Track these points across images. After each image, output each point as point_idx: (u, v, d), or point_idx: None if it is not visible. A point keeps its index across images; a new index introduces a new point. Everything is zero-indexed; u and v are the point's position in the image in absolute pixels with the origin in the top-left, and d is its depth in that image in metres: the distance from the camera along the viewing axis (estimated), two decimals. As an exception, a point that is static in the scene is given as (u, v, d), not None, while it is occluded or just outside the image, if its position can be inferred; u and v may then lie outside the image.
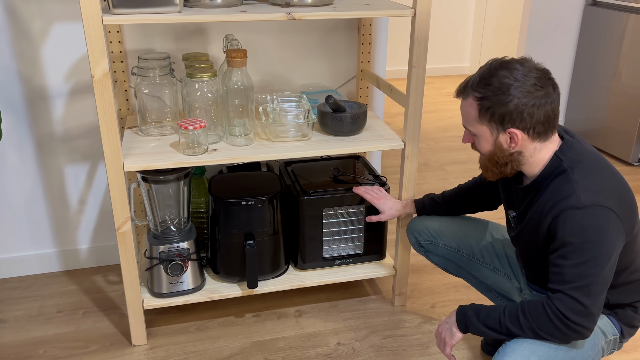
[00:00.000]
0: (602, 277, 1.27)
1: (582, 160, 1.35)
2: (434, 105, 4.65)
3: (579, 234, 1.27)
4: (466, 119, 1.40)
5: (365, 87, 2.25)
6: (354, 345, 1.92)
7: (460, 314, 1.43)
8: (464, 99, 1.39)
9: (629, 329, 1.49)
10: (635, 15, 3.25)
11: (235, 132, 1.80)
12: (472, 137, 1.44)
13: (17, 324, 2.01)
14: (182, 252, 1.86)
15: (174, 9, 1.55)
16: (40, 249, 2.27)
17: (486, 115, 1.34)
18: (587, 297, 1.26)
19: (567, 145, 1.38)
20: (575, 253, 1.27)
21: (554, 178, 1.36)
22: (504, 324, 1.34)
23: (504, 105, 1.30)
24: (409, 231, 1.85)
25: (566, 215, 1.29)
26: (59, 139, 2.12)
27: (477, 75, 1.36)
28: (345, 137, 1.89)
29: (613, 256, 1.28)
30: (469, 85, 1.37)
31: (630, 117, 3.35)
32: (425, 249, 1.81)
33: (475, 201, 1.78)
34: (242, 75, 1.73)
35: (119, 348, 1.89)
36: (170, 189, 1.85)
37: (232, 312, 2.08)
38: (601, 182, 1.32)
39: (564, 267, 1.28)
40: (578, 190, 1.30)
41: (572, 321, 1.27)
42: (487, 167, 1.44)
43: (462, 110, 1.41)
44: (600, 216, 1.27)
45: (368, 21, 2.14)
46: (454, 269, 1.81)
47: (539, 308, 1.30)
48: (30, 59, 1.99)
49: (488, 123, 1.35)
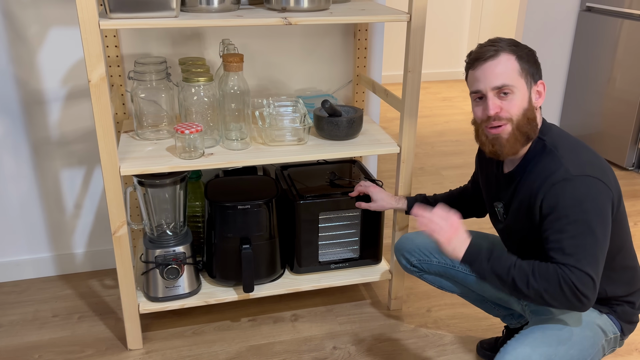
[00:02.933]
0: (601, 245, 1.29)
1: (562, 139, 1.41)
2: (429, 110, 4.66)
3: (572, 205, 1.29)
4: (503, 76, 1.37)
5: (361, 91, 2.25)
6: (349, 349, 1.92)
7: (475, 247, 1.39)
8: (496, 58, 1.38)
9: (628, 325, 1.50)
10: (630, 20, 3.27)
11: (232, 137, 1.80)
12: (500, 104, 1.39)
13: (12, 328, 2.00)
14: (178, 256, 1.86)
15: (171, 13, 1.56)
16: (35, 253, 2.26)
17: (525, 68, 1.39)
18: (590, 267, 1.27)
19: (546, 127, 1.44)
20: (570, 225, 1.29)
21: (539, 158, 1.39)
22: (512, 275, 1.33)
23: (534, 59, 1.41)
24: (398, 252, 1.81)
25: (557, 188, 1.32)
26: (55, 143, 2.12)
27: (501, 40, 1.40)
28: (341, 142, 1.90)
29: (609, 223, 1.31)
30: (499, 47, 1.38)
31: (624, 122, 3.37)
32: (419, 268, 1.77)
33: (465, 206, 1.79)
34: (238, 80, 1.74)
35: (114, 352, 1.89)
36: (166, 193, 1.85)
37: (228, 316, 2.08)
38: (586, 156, 1.37)
39: (562, 241, 1.29)
40: (565, 164, 1.34)
41: (581, 292, 1.26)
42: (516, 137, 1.40)
43: (497, 68, 1.37)
44: (591, 185, 1.30)
45: (364, 26, 2.15)
46: (449, 286, 1.78)
47: (551, 274, 1.29)
48: (27, 63, 1.99)
49: (525, 77, 1.39)
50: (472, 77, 1.42)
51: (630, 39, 3.28)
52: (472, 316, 2.09)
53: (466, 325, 2.04)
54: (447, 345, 1.95)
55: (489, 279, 1.37)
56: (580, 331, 1.38)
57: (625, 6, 3.32)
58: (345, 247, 2.06)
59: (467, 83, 1.46)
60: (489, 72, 1.38)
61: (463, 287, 1.77)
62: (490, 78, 1.38)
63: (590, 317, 1.43)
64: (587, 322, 1.42)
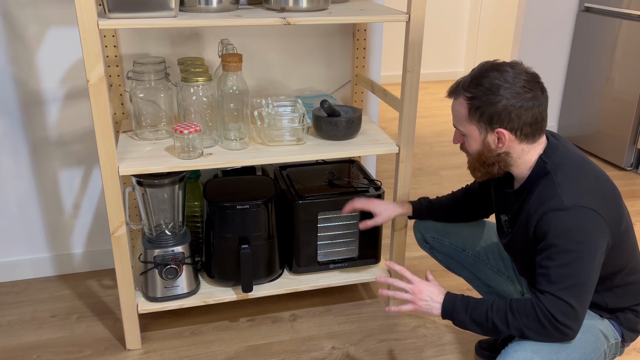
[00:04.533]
0: (588, 277, 1.28)
1: (565, 162, 1.37)
2: (428, 110, 4.67)
3: (562, 235, 1.29)
4: (456, 119, 1.43)
5: (360, 91, 2.26)
6: (348, 349, 1.92)
7: (449, 303, 1.40)
8: (455, 98, 1.43)
9: (630, 333, 1.49)
10: (628, 21, 3.28)
11: (231, 136, 1.80)
12: (462, 138, 1.46)
13: (11, 328, 2.00)
14: (177, 256, 1.86)
15: (170, 13, 1.56)
16: (34, 253, 2.26)
17: (475, 115, 1.37)
18: (574, 298, 1.27)
19: (551, 148, 1.40)
20: (560, 254, 1.29)
21: (539, 181, 1.38)
22: (491, 319, 1.34)
23: (493, 105, 1.33)
24: (416, 227, 1.86)
25: (550, 217, 1.31)
26: (54, 143, 2.12)
27: (469, 76, 1.39)
28: (340, 142, 1.90)
29: (597, 256, 1.30)
30: (460, 85, 1.41)
31: (622, 123, 3.37)
32: (431, 245, 1.82)
33: (470, 206, 1.78)
34: (237, 80, 1.74)
35: (113, 353, 1.89)
36: (165, 193, 1.85)
37: (227, 316, 2.08)
38: (584, 184, 1.34)
39: (549, 268, 1.30)
40: (561, 192, 1.32)
41: (560, 322, 1.27)
42: (475, 167, 1.46)
43: (453, 109, 1.44)
44: (583, 217, 1.29)
45: (363, 26, 2.15)
46: (456, 267, 1.82)
47: (528, 307, 1.31)
48: (25, 63, 1.99)
49: (477, 123, 1.38)
50: None
51: (628, 39, 3.28)
52: (470, 316, 2.09)
53: (465, 325, 2.05)
54: (446, 345, 1.95)
55: (471, 328, 1.38)
56: (582, 335, 1.38)
57: (623, 6, 3.32)
58: (344, 247, 2.06)
59: None
60: (452, 107, 1.46)
61: (470, 272, 1.79)
62: (452, 114, 1.46)
63: (592, 321, 1.43)
64: (588, 326, 1.41)
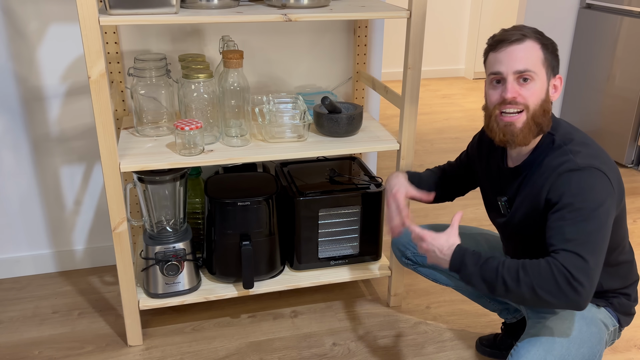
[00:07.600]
0: (603, 237, 1.27)
1: (574, 133, 1.41)
2: (429, 107, 4.66)
3: (577, 193, 1.29)
4: (528, 62, 1.36)
5: (361, 88, 2.25)
6: (349, 345, 1.92)
7: (459, 253, 1.37)
8: (523, 43, 1.37)
9: (625, 317, 1.51)
10: (629, 18, 3.27)
11: (232, 133, 1.80)
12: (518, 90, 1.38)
13: (12, 324, 2.00)
14: (178, 252, 1.86)
15: (171, 9, 1.56)
16: (35, 249, 2.27)
17: (548, 58, 1.38)
18: (590, 254, 1.24)
19: (556, 122, 1.43)
20: (575, 212, 1.28)
21: (548, 153, 1.39)
22: (501, 274, 1.29)
23: (556, 52, 1.40)
24: (394, 246, 1.81)
25: (564, 178, 1.32)
26: (55, 140, 2.12)
27: (527, 28, 1.39)
28: (341, 138, 1.90)
29: (610, 217, 1.30)
30: (525, 33, 1.38)
31: (624, 120, 3.37)
32: (413, 261, 1.78)
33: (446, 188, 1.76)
34: (238, 76, 1.73)
35: (114, 349, 1.89)
36: (166, 189, 1.85)
37: (228, 312, 2.08)
38: (595, 151, 1.37)
39: (564, 227, 1.28)
40: (574, 156, 1.34)
41: (576, 278, 1.22)
42: (529, 126, 1.39)
43: (522, 53, 1.36)
44: (597, 177, 1.30)
45: (364, 23, 2.14)
46: (443, 279, 1.78)
47: (542, 265, 1.26)
48: (26, 60, 1.99)
49: (546, 67, 1.38)
50: (493, 59, 1.40)
51: (630, 36, 3.27)
52: (471, 312, 2.09)
53: (465, 321, 2.05)
54: (447, 341, 1.95)
55: (478, 284, 1.33)
56: (587, 328, 1.38)
57: (625, 3, 3.31)
58: (344, 243, 2.06)
59: (486, 65, 1.44)
60: (513, 55, 1.36)
61: (457, 280, 1.77)
62: (514, 61, 1.36)
63: (591, 312, 1.44)
64: (590, 318, 1.42)
